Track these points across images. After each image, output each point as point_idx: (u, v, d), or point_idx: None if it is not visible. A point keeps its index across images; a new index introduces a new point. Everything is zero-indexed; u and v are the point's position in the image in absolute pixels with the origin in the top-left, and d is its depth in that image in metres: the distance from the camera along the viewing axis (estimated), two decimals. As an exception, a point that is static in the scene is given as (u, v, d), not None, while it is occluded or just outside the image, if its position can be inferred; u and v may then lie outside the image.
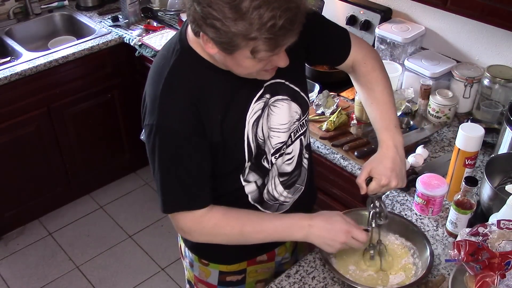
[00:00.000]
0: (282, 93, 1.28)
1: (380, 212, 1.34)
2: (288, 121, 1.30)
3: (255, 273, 1.50)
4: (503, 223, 1.25)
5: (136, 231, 2.97)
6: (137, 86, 2.99)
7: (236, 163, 1.26)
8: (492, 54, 2.03)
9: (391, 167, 1.30)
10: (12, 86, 2.50)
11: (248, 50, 1.02)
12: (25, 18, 2.95)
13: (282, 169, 1.36)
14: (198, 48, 1.16)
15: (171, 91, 1.15)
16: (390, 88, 1.40)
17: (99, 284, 2.68)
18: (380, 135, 1.36)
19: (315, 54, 1.38)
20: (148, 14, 2.92)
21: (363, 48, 1.42)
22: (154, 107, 1.16)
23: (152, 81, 1.19)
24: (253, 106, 1.23)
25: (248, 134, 1.23)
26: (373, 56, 1.42)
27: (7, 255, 2.83)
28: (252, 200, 1.35)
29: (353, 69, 1.43)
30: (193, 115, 1.15)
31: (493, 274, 1.16)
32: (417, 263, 1.38)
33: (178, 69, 1.16)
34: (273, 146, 1.29)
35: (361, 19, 2.30)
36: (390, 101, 1.38)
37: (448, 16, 2.09)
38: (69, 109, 2.78)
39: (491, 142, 1.80)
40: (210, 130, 1.18)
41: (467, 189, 1.41)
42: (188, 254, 1.51)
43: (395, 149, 1.32)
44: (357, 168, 1.79)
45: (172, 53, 1.18)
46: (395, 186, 1.31)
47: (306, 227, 1.26)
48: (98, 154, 3.06)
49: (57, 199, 3.03)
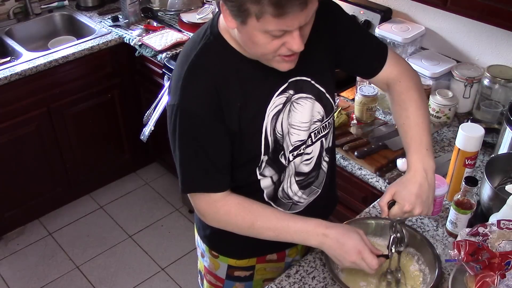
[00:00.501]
0: (306, 92, 1.27)
1: (401, 238, 1.28)
2: (309, 120, 1.29)
3: (264, 271, 1.50)
4: (503, 223, 1.25)
5: (136, 231, 2.97)
6: (137, 86, 3.00)
7: (252, 154, 1.26)
8: (492, 54, 2.03)
9: (417, 193, 1.23)
10: (12, 86, 2.50)
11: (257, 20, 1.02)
12: (25, 18, 2.95)
13: (300, 169, 1.35)
14: (226, 35, 1.18)
15: (195, 74, 1.17)
16: (425, 110, 1.33)
17: (99, 284, 2.68)
18: (409, 157, 1.28)
19: (346, 60, 1.35)
20: (148, 14, 2.92)
21: (400, 66, 1.36)
22: (177, 88, 1.17)
23: (179, 62, 1.21)
24: (274, 99, 1.23)
25: (266, 127, 1.23)
26: (410, 75, 1.36)
27: (7, 255, 2.83)
28: (266, 196, 1.34)
29: (388, 87, 1.38)
30: (213, 99, 1.16)
31: (493, 274, 1.16)
32: (423, 269, 1.36)
33: (205, 54, 1.18)
34: (292, 143, 1.29)
35: (361, 19, 2.30)
36: (424, 122, 1.30)
37: (448, 16, 2.09)
38: (69, 109, 2.78)
39: (491, 142, 1.80)
40: (228, 117, 1.19)
41: (467, 189, 1.41)
42: (200, 244, 1.53)
43: (424, 174, 1.24)
44: (357, 168, 1.79)
45: (202, 38, 1.20)
46: (419, 214, 1.23)
47: (321, 236, 1.24)
48: (98, 154, 3.06)
49: (57, 199, 3.03)
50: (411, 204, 1.22)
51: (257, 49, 1.11)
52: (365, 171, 1.77)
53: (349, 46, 1.34)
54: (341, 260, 1.25)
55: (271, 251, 1.48)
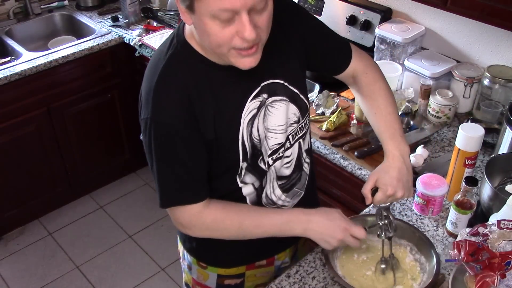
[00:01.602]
0: (280, 94, 1.27)
1: (389, 223, 1.32)
2: (285, 122, 1.29)
3: (254, 277, 1.50)
4: (503, 223, 1.25)
5: (136, 231, 2.97)
6: (137, 86, 2.96)
7: (231, 162, 1.25)
8: (492, 54, 2.03)
9: (397, 177, 1.28)
10: (12, 86, 2.50)
11: None
12: (25, 18, 2.95)
13: (281, 173, 1.35)
14: (193, 42, 1.16)
15: (165, 84, 1.15)
16: (393, 99, 1.40)
17: (99, 284, 2.68)
18: (386, 145, 1.34)
19: (315, 60, 1.37)
20: (148, 14, 2.92)
21: (365, 59, 1.42)
22: (148, 100, 1.16)
23: (148, 74, 1.20)
24: (248, 104, 1.22)
25: (242, 133, 1.23)
26: (374, 67, 1.42)
27: (7, 255, 2.83)
28: (250, 203, 1.34)
29: (354, 80, 1.43)
30: (186, 109, 1.15)
31: (493, 274, 1.16)
32: (418, 258, 1.38)
33: (173, 63, 1.16)
34: (269, 147, 1.29)
35: (361, 19, 2.30)
36: (394, 111, 1.37)
37: (448, 16, 2.09)
38: (69, 109, 2.78)
39: (491, 142, 1.80)
40: (203, 126, 1.17)
41: (467, 189, 1.41)
42: (187, 256, 1.51)
43: (401, 159, 1.31)
44: (357, 168, 1.79)
45: (169, 47, 1.18)
46: (402, 197, 1.29)
47: (305, 222, 1.26)
48: (98, 154, 3.06)
49: (57, 199, 3.03)
50: (393, 188, 1.27)
51: (211, 39, 1.07)
52: (365, 171, 1.77)
53: (317, 46, 1.34)
54: (329, 241, 1.26)
55: (260, 258, 1.48)
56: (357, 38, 2.33)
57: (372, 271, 1.37)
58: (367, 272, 1.37)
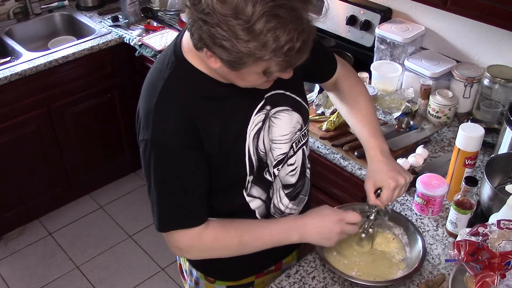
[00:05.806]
0: (283, 104, 1.26)
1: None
2: (290, 132, 1.29)
3: (263, 284, 1.49)
4: (503, 223, 1.25)
5: (136, 231, 2.97)
6: (137, 86, 2.97)
7: (238, 176, 1.23)
8: (492, 54, 2.03)
9: (389, 169, 1.30)
10: (12, 86, 2.50)
11: (257, 67, 0.99)
12: (25, 18, 2.95)
13: (286, 181, 1.34)
14: (194, 59, 1.12)
15: (166, 105, 1.12)
16: (372, 102, 1.47)
17: (99, 284, 2.68)
18: (368, 143, 1.38)
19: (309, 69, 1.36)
20: (148, 14, 2.92)
21: (345, 65, 1.48)
22: (148, 122, 1.12)
23: (146, 94, 1.15)
24: (253, 118, 1.20)
25: (249, 147, 1.21)
26: (354, 73, 1.49)
27: (7, 255, 2.83)
28: (259, 215, 1.33)
29: (335, 85, 1.47)
30: (189, 129, 1.11)
31: (493, 274, 1.16)
32: (397, 234, 1.43)
33: (173, 83, 1.12)
34: (275, 158, 1.28)
35: (361, 19, 2.30)
36: (374, 113, 1.43)
37: (448, 16, 2.09)
38: (69, 109, 2.78)
39: (491, 142, 1.80)
40: (208, 144, 1.15)
41: (467, 189, 1.41)
42: (194, 272, 1.47)
43: (382, 155, 1.34)
44: (357, 168, 1.79)
45: (167, 66, 1.14)
46: (405, 182, 1.30)
47: (301, 226, 1.26)
48: (98, 154, 3.06)
49: (57, 199, 3.03)
50: (394, 179, 1.28)
51: (245, 84, 1.08)
52: (365, 171, 1.76)
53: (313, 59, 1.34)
54: (329, 238, 1.26)
55: (269, 265, 1.47)
56: (357, 38, 2.33)
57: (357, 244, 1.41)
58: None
